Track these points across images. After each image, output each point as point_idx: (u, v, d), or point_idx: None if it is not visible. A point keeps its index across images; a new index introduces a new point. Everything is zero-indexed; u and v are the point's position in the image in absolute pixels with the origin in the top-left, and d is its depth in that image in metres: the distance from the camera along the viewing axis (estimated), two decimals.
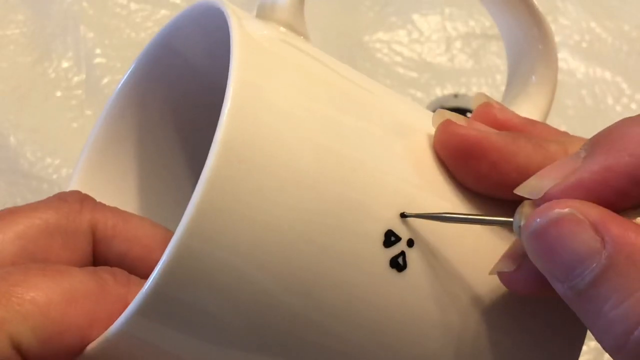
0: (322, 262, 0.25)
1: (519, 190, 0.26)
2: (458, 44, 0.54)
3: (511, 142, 0.27)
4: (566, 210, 0.24)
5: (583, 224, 0.23)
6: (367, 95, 0.29)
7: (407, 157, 0.27)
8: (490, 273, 0.27)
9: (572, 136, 0.29)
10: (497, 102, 0.30)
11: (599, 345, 0.42)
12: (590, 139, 0.25)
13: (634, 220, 0.24)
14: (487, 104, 0.30)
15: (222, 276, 0.24)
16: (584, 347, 0.42)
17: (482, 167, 0.27)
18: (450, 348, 0.27)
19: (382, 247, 0.26)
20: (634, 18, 0.55)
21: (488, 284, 0.27)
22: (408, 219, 0.26)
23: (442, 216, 0.26)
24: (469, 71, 0.52)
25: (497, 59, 0.53)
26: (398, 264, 0.26)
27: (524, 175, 0.26)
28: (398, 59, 0.53)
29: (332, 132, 0.26)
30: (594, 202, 0.24)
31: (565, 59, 0.53)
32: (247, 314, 0.24)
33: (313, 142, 0.25)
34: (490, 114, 0.29)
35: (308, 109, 0.26)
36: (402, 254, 0.26)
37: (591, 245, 0.23)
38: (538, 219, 0.24)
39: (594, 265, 0.23)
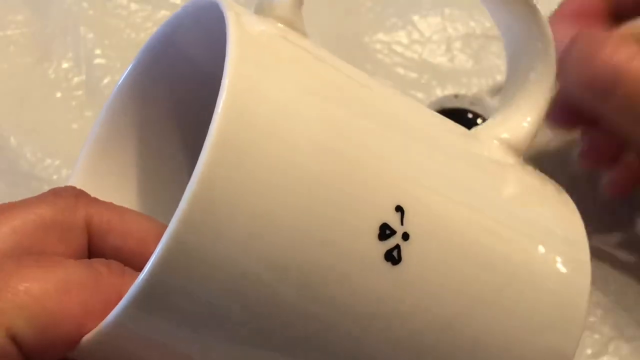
0: (318, 253, 0.25)
1: None
2: (458, 45, 0.54)
3: None
4: None
5: None
6: (364, 91, 0.29)
7: (404, 151, 0.28)
8: None
9: None
10: None
11: (602, 339, 0.43)
12: None
13: None
14: None
15: (218, 267, 0.24)
16: (589, 340, 0.43)
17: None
18: (445, 342, 0.27)
19: (377, 240, 0.26)
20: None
21: (485, 278, 0.27)
22: (405, 210, 0.26)
23: None
24: (470, 72, 0.52)
25: (497, 60, 0.53)
26: (393, 257, 0.26)
27: None
28: (398, 59, 0.53)
29: (329, 126, 0.26)
30: None
31: None
32: (243, 305, 0.25)
33: (309, 136, 0.25)
34: None
35: (305, 104, 0.26)
36: (397, 247, 0.26)
37: None
38: None
39: None
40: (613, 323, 0.44)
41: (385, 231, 0.26)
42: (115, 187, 0.34)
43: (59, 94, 0.51)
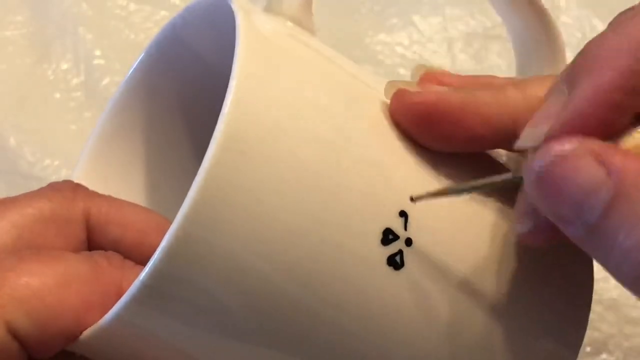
0: (321, 254, 0.25)
1: (520, 145, 0.25)
2: (459, 45, 0.53)
3: (469, 96, 0.27)
4: (566, 146, 0.23)
5: (585, 157, 0.23)
6: (371, 92, 0.29)
7: (410, 156, 0.27)
8: (514, 233, 0.27)
9: (522, 78, 0.29)
10: (437, 68, 0.30)
11: (602, 336, 0.42)
12: (567, 70, 0.25)
13: (628, 142, 0.24)
14: (429, 72, 0.29)
15: (221, 264, 0.24)
16: (587, 337, 0.42)
17: (446, 128, 0.27)
18: (445, 346, 0.27)
19: (380, 244, 0.26)
20: None
21: (486, 285, 0.27)
22: (408, 216, 0.26)
23: (450, 189, 0.26)
24: (471, 72, 0.52)
25: (498, 59, 0.53)
26: (395, 262, 0.26)
27: (489, 125, 0.27)
28: (399, 60, 0.53)
29: (335, 126, 0.26)
30: (594, 126, 0.24)
31: (568, 59, 0.52)
32: (245, 302, 0.24)
33: (315, 136, 0.25)
34: (434, 80, 0.29)
35: (311, 103, 0.26)
36: (400, 252, 0.26)
37: (596, 176, 0.23)
38: (540, 161, 0.24)
39: (602, 196, 0.23)
40: (612, 320, 0.43)
41: (388, 236, 0.26)
42: (120, 182, 0.34)
43: (58, 95, 0.50)
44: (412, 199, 0.26)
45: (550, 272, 0.28)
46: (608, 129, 0.24)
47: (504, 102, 0.27)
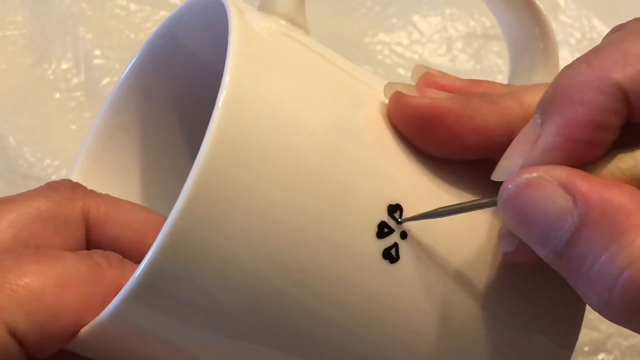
0: (316, 250, 0.25)
1: (495, 177, 0.26)
2: (459, 45, 0.53)
3: (465, 104, 0.27)
4: (534, 174, 0.24)
5: (552, 185, 0.24)
6: (364, 89, 0.29)
7: (404, 151, 0.27)
8: (498, 252, 0.27)
9: (521, 86, 0.29)
10: (437, 70, 0.30)
11: (600, 336, 0.42)
12: (541, 101, 0.25)
13: (605, 169, 0.24)
14: (428, 74, 0.30)
15: (216, 261, 0.24)
16: (586, 337, 0.42)
17: (441, 134, 0.27)
18: (442, 341, 0.27)
19: (375, 238, 0.26)
20: (637, 15, 0.54)
21: (481, 278, 0.27)
22: (403, 209, 0.26)
23: (433, 213, 0.26)
24: (470, 71, 0.52)
25: (498, 59, 0.53)
26: (391, 255, 0.26)
27: (484, 135, 0.27)
28: (399, 60, 0.53)
29: (329, 123, 0.26)
30: (566, 161, 0.24)
31: (566, 58, 0.52)
32: (241, 299, 0.25)
33: (309, 133, 0.25)
34: (433, 82, 0.29)
35: (305, 100, 0.26)
36: (395, 245, 0.26)
37: (563, 205, 0.23)
38: (509, 186, 0.24)
39: (568, 224, 0.23)
40: None
41: (383, 229, 0.26)
42: (118, 181, 0.34)
43: (57, 95, 0.50)
44: (398, 222, 0.26)
45: (546, 268, 0.29)
46: (580, 163, 0.24)
47: (500, 111, 0.27)
